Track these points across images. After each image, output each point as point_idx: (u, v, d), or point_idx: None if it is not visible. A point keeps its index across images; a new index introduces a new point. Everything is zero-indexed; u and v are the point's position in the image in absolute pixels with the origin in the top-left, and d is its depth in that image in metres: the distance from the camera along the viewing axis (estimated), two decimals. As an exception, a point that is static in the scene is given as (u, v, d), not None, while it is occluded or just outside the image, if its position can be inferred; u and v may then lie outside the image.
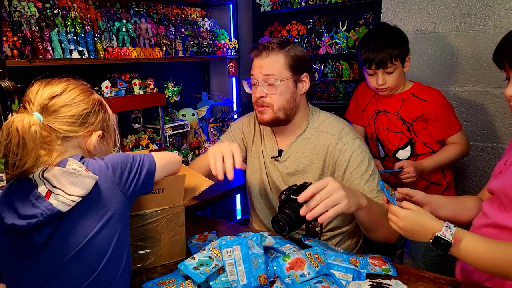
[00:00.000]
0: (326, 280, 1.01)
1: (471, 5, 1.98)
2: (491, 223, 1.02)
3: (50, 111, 0.89)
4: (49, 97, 0.89)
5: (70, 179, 0.84)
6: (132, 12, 2.20)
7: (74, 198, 0.83)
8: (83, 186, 0.84)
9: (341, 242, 1.48)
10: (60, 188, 0.83)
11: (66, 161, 0.88)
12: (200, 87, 2.87)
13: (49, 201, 0.82)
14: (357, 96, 1.94)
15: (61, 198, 0.82)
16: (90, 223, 0.86)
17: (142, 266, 1.15)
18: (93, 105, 0.95)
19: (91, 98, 0.96)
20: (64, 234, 0.84)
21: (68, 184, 0.84)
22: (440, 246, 0.92)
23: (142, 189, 0.99)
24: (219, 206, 2.80)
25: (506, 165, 1.03)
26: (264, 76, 1.34)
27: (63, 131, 0.90)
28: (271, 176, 1.49)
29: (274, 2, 2.66)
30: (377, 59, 1.63)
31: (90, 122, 0.94)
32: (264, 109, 1.37)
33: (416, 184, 1.79)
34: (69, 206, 0.82)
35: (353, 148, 1.34)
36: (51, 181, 0.84)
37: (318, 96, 2.60)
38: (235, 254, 1.01)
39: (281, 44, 1.36)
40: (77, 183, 0.84)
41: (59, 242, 0.84)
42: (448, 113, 1.72)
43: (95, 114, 0.96)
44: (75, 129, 0.92)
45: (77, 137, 0.93)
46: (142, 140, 2.19)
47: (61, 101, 0.91)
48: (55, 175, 0.84)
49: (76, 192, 0.83)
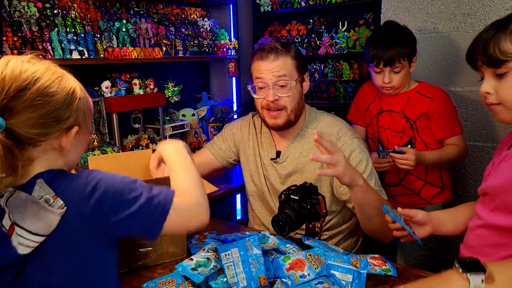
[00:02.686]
0: (327, 281, 1.01)
1: (471, 5, 1.98)
2: (484, 224, 1.02)
3: (14, 112, 0.69)
4: (12, 93, 0.69)
5: (34, 211, 0.70)
6: (132, 12, 2.20)
7: (35, 239, 0.70)
8: (46, 222, 0.70)
9: (341, 241, 1.49)
10: (22, 225, 0.70)
11: (34, 183, 0.72)
12: (200, 87, 2.87)
13: (11, 241, 0.70)
14: (359, 96, 1.94)
15: (21, 240, 0.70)
16: (63, 259, 0.74)
17: (143, 264, 1.15)
18: (66, 96, 0.75)
19: (62, 87, 0.75)
20: (32, 274, 0.73)
21: (31, 217, 0.70)
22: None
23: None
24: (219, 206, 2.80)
25: (494, 166, 1.04)
26: (277, 78, 1.32)
27: (31, 136, 0.71)
28: (268, 178, 1.49)
29: (274, 2, 2.65)
30: (385, 57, 1.63)
31: (63, 119, 0.75)
32: (278, 113, 1.35)
33: (412, 184, 1.79)
34: (30, 248, 0.70)
35: (352, 148, 1.34)
36: (14, 214, 0.70)
37: (318, 96, 2.60)
38: (234, 256, 1.01)
39: (285, 46, 1.36)
40: (41, 217, 0.70)
41: (28, 281, 0.74)
42: (452, 114, 1.72)
43: (69, 107, 0.76)
44: (47, 131, 0.73)
45: (49, 140, 0.74)
46: (142, 140, 2.19)
47: (28, 97, 0.70)
48: (18, 205, 0.70)
49: (39, 230, 0.70)
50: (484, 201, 1.06)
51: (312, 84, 2.62)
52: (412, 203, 1.80)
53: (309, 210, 1.16)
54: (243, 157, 1.57)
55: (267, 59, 1.32)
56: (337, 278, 1.03)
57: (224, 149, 1.59)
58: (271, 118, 1.37)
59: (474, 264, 0.74)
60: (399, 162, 1.61)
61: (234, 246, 1.03)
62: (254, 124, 1.56)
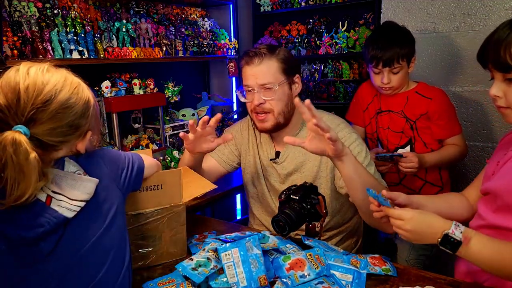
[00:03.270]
0: (327, 280, 1.01)
1: (471, 5, 1.98)
2: (486, 224, 1.02)
3: (38, 123, 0.75)
4: (37, 107, 0.74)
5: (70, 183, 0.79)
6: (132, 12, 2.20)
7: (78, 203, 0.79)
8: (85, 190, 0.80)
9: (341, 241, 1.49)
10: (61, 193, 0.78)
11: (63, 161, 0.82)
12: (200, 87, 2.87)
13: (52, 207, 0.77)
14: (358, 96, 1.94)
15: (64, 204, 0.78)
16: (97, 225, 0.84)
17: (143, 264, 1.15)
18: (83, 106, 0.83)
19: (80, 97, 0.83)
20: (70, 240, 0.81)
21: (68, 188, 0.79)
22: (449, 245, 0.91)
23: (134, 186, 0.99)
24: (219, 206, 2.80)
25: (499, 166, 1.03)
26: (261, 84, 1.33)
27: (53, 143, 0.78)
28: (268, 179, 1.49)
29: (274, 2, 2.65)
30: (384, 57, 1.63)
31: (81, 126, 0.83)
32: (265, 117, 1.36)
33: (412, 184, 1.79)
34: (74, 211, 0.78)
35: (350, 141, 1.35)
36: (49, 186, 0.78)
37: (318, 96, 2.60)
38: (234, 256, 1.01)
39: (271, 49, 1.36)
40: (78, 187, 0.79)
41: (66, 249, 0.81)
42: (451, 113, 1.73)
43: (85, 115, 0.84)
44: (68, 139, 0.81)
45: (68, 144, 0.83)
46: (142, 140, 2.19)
47: (52, 109, 0.76)
48: (53, 179, 0.78)
49: (78, 197, 0.79)
50: (486, 201, 1.05)
51: (312, 84, 2.62)
52: (412, 203, 1.80)
53: (309, 210, 1.17)
54: (243, 160, 1.57)
55: (252, 63, 1.34)
56: (337, 278, 1.03)
57: (227, 154, 1.59)
58: (259, 122, 1.39)
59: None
60: (403, 166, 1.62)
61: (234, 246, 1.03)
62: (253, 126, 1.56)
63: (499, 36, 0.90)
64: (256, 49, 1.36)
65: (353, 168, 1.13)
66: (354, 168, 1.13)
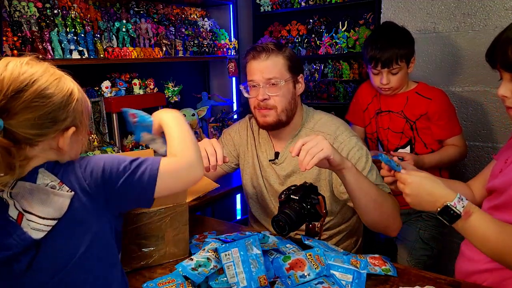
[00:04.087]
0: (327, 281, 1.01)
1: (471, 5, 1.98)
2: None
3: (12, 113, 0.70)
4: (10, 95, 0.70)
5: (41, 198, 0.73)
6: (132, 12, 2.20)
7: (48, 222, 0.72)
8: (56, 206, 0.73)
9: (341, 241, 1.49)
10: (31, 211, 0.72)
11: (36, 172, 0.75)
12: (200, 87, 2.87)
13: (21, 227, 0.72)
14: (358, 97, 1.94)
15: (33, 224, 0.72)
16: (73, 243, 0.77)
17: (146, 263, 1.15)
18: (63, 98, 0.77)
19: (60, 89, 0.77)
20: (45, 260, 0.75)
21: (39, 204, 0.72)
22: (447, 217, 0.89)
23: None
24: (219, 206, 2.80)
25: (507, 163, 1.03)
26: (267, 79, 1.33)
27: (29, 136, 0.72)
28: (268, 179, 1.49)
29: (274, 2, 2.65)
30: (383, 58, 1.63)
31: (60, 120, 0.76)
32: (268, 112, 1.36)
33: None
34: (43, 232, 0.72)
35: (350, 146, 1.35)
36: (20, 202, 0.73)
37: (318, 96, 2.60)
38: (234, 256, 1.01)
39: (278, 46, 1.36)
40: (50, 202, 0.73)
41: (41, 269, 0.75)
42: (451, 114, 1.72)
43: (66, 108, 0.77)
44: (44, 132, 0.75)
45: (46, 140, 0.76)
46: (142, 140, 2.19)
47: (26, 98, 0.71)
48: (24, 194, 0.73)
49: (49, 214, 0.72)
50: (492, 199, 1.05)
51: (312, 84, 2.62)
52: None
53: (309, 210, 1.16)
54: (242, 160, 1.57)
55: (259, 58, 1.34)
56: (337, 278, 1.03)
57: (225, 155, 1.58)
58: (261, 116, 1.38)
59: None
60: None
61: (234, 246, 1.03)
62: (252, 127, 1.56)
63: (508, 35, 0.89)
64: (264, 44, 1.36)
65: (354, 181, 1.16)
66: (355, 181, 1.16)
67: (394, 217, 1.27)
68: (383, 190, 1.28)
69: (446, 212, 0.89)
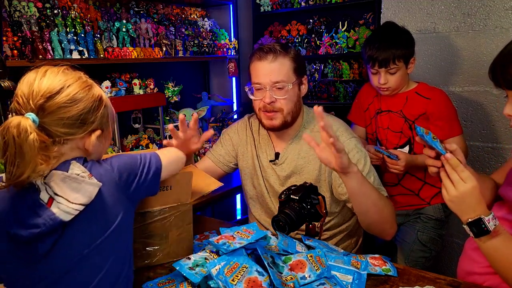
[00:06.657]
0: (329, 282, 1.01)
1: (471, 5, 1.98)
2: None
3: (46, 112, 0.81)
4: (46, 96, 0.81)
5: (72, 185, 0.81)
6: (132, 12, 2.20)
7: (76, 207, 0.80)
8: (86, 193, 0.81)
9: (341, 241, 1.49)
10: (62, 195, 0.80)
11: (69, 164, 0.84)
12: (200, 87, 2.87)
13: (51, 209, 0.79)
14: (360, 97, 1.94)
15: (63, 207, 0.79)
16: (95, 231, 0.84)
17: (150, 262, 1.15)
18: (93, 103, 0.87)
19: (90, 95, 0.87)
20: (67, 243, 0.82)
21: (70, 190, 0.80)
22: (476, 229, 0.90)
23: (148, 192, 0.98)
24: (219, 206, 2.80)
25: None
26: (274, 82, 1.32)
27: (60, 134, 0.83)
28: (268, 180, 1.49)
29: (274, 2, 2.65)
30: (380, 58, 1.63)
31: (89, 122, 0.87)
32: (274, 114, 1.35)
33: (411, 185, 1.79)
34: (71, 215, 0.79)
35: (349, 148, 1.34)
36: (52, 188, 0.80)
37: (318, 96, 2.60)
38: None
39: (284, 47, 1.35)
40: (80, 189, 0.81)
41: (63, 251, 0.82)
42: (451, 114, 1.71)
43: (94, 112, 0.88)
44: (73, 131, 0.85)
45: (75, 139, 0.86)
46: (142, 140, 2.19)
47: (60, 100, 0.82)
48: (56, 181, 0.81)
49: (78, 200, 0.80)
50: (501, 207, 1.04)
51: (312, 84, 2.62)
52: (411, 203, 1.80)
53: (309, 210, 1.16)
54: (241, 161, 1.57)
55: (265, 60, 1.32)
56: (338, 279, 1.03)
57: (224, 154, 1.58)
58: (268, 119, 1.37)
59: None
60: (389, 167, 1.64)
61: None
62: (251, 126, 1.56)
63: (508, 51, 0.88)
64: (270, 45, 1.34)
65: (358, 186, 1.15)
66: (359, 186, 1.15)
67: (392, 222, 1.27)
68: (382, 194, 1.28)
69: (477, 224, 0.90)
